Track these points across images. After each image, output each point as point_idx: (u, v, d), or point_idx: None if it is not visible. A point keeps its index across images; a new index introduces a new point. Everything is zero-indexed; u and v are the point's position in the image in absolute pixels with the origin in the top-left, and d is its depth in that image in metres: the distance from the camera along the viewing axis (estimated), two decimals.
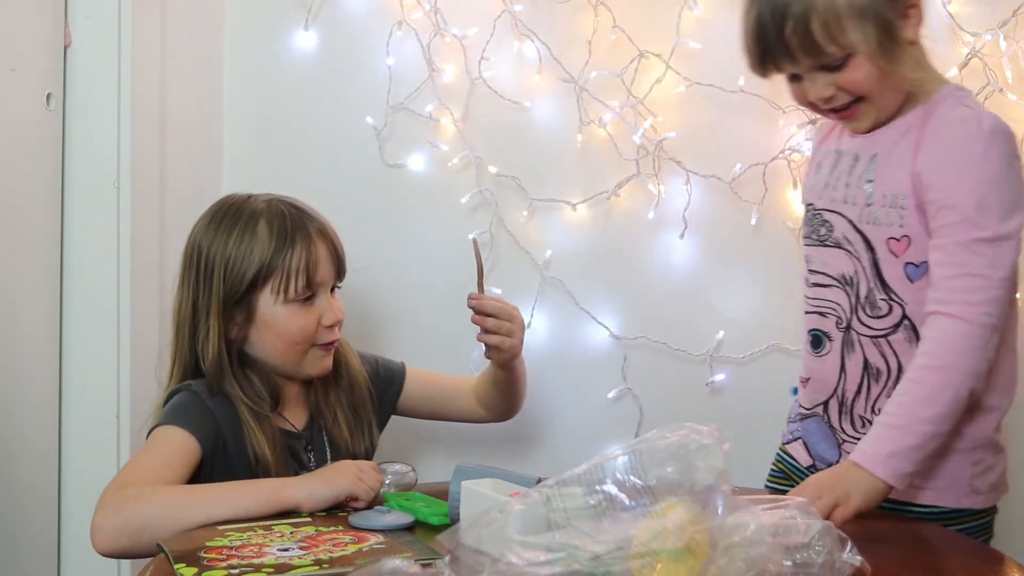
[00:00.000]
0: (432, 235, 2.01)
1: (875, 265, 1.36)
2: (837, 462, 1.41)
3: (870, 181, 1.36)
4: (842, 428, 1.42)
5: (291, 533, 1.20)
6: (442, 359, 1.87)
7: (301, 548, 1.14)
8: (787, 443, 1.54)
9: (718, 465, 1.01)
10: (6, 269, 1.60)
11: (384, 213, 2.01)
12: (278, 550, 1.13)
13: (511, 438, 1.97)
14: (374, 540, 1.18)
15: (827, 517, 1.18)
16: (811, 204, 1.46)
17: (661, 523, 0.92)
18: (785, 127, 1.91)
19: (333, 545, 1.16)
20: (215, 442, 1.41)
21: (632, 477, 0.97)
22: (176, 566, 1.08)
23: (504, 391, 1.69)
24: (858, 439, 1.36)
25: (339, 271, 1.53)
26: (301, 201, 1.55)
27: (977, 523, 1.38)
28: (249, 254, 1.46)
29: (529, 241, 1.99)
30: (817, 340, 1.44)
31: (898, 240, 1.34)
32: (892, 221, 1.34)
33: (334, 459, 1.51)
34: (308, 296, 1.48)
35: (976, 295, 1.26)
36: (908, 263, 1.34)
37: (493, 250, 1.99)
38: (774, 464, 1.58)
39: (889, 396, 1.32)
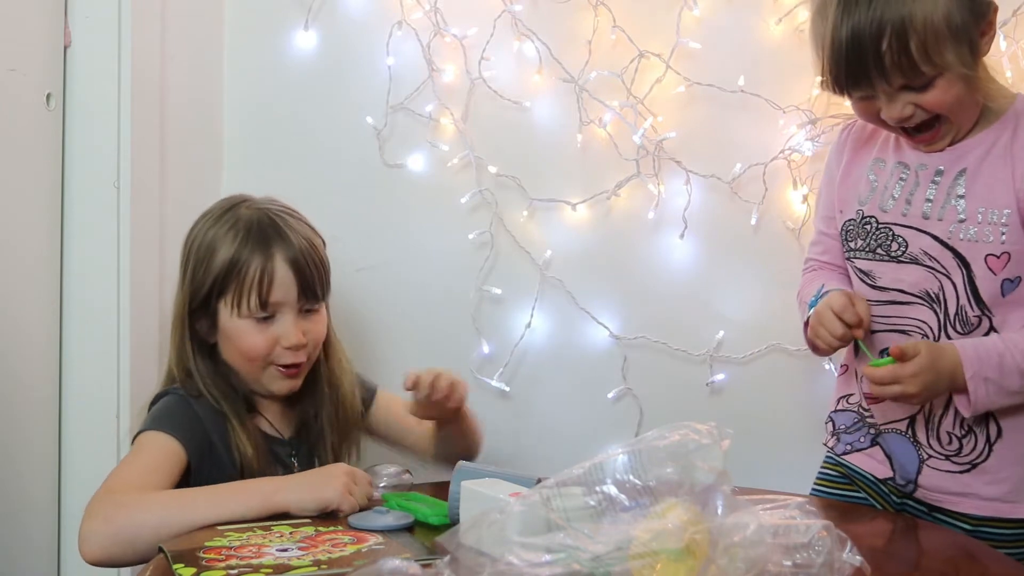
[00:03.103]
0: (432, 235, 2.01)
1: (971, 282, 1.34)
2: (916, 479, 1.40)
3: (960, 196, 1.34)
4: (928, 444, 1.40)
5: (290, 533, 1.20)
6: (441, 359, 1.87)
7: (300, 548, 1.14)
8: (846, 454, 1.50)
9: (718, 465, 1.01)
10: (6, 269, 1.60)
11: (384, 213, 2.02)
12: (277, 550, 1.13)
13: (511, 438, 1.97)
14: (373, 541, 1.18)
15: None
16: (872, 217, 1.42)
17: (661, 523, 0.92)
18: (785, 127, 1.91)
19: (332, 545, 1.16)
20: (201, 445, 1.40)
21: (632, 477, 0.97)
22: (175, 566, 1.08)
23: (453, 442, 1.60)
24: (947, 455, 1.37)
25: (307, 294, 1.46)
26: (295, 213, 1.52)
27: None
28: (212, 260, 1.45)
29: (529, 241, 1.99)
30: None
31: (998, 257, 1.32)
32: (991, 238, 1.32)
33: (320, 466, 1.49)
34: (266, 316, 1.44)
35: None
36: (1005, 279, 1.33)
37: (493, 250, 1.99)
38: (829, 468, 1.55)
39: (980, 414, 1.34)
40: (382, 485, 1.39)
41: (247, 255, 1.43)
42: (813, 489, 1.56)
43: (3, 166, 1.59)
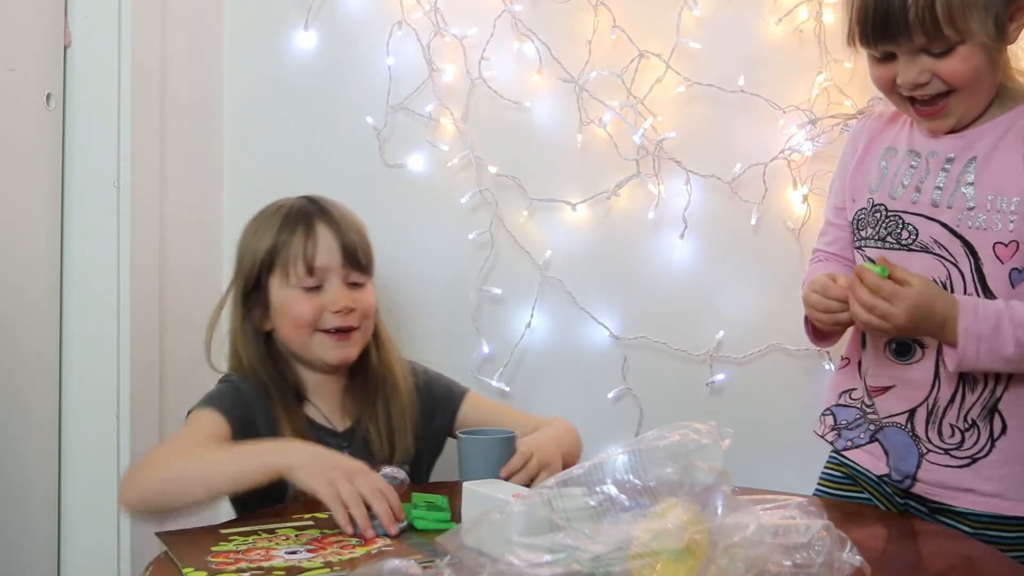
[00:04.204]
0: (432, 235, 2.01)
1: (979, 271, 1.33)
2: (915, 473, 1.40)
3: (970, 184, 1.34)
4: (927, 437, 1.39)
5: (296, 536, 1.20)
6: (441, 359, 1.86)
7: (308, 551, 1.14)
8: (846, 449, 1.50)
9: (718, 465, 1.01)
10: (6, 269, 1.60)
11: (384, 213, 2.01)
12: (286, 553, 1.13)
13: None
14: (382, 542, 1.18)
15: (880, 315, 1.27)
16: (881, 205, 1.41)
17: (661, 523, 0.92)
18: (785, 127, 1.91)
19: (340, 547, 1.16)
20: (244, 423, 1.46)
21: (632, 477, 0.97)
22: (185, 570, 1.08)
23: None
24: (945, 449, 1.37)
25: (351, 262, 1.54)
26: (333, 201, 1.60)
27: None
28: (257, 245, 1.55)
29: (529, 241, 1.99)
30: (905, 348, 1.40)
31: (1005, 245, 1.32)
32: (999, 226, 1.32)
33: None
34: (315, 285, 1.52)
35: None
36: (1013, 268, 1.32)
37: (493, 250, 1.99)
38: (832, 468, 1.55)
39: (983, 406, 1.34)
40: None
41: (289, 232, 1.53)
42: (816, 489, 1.56)
43: (3, 166, 1.59)
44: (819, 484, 1.56)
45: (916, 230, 1.37)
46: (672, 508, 0.93)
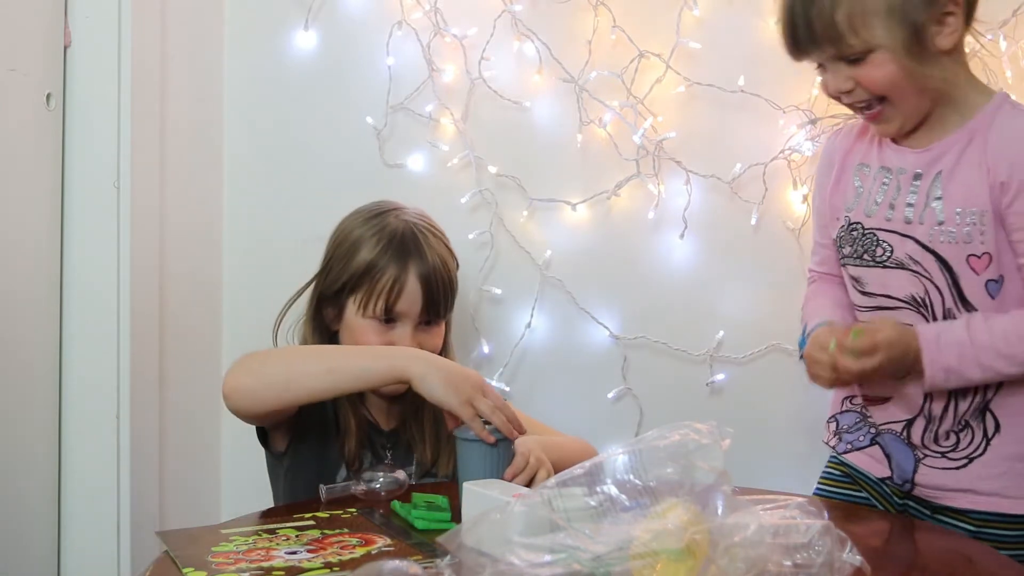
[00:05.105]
0: None
1: (955, 284, 1.34)
2: (913, 478, 1.41)
3: (938, 199, 1.34)
4: (924, 444, 1.40)
5: (296, 536, 1.20)
6: None
7: (309, 551, 1.14)
8: (846, 452, 1.50)
9: (718, 465, 1.01)
10: (6, 269, 1.60)
11: None
12: (286, 553, 1.13)
13: None
14: (382, 542, 1.18)
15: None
16: (858, 223, 1.42)
17: (661, 523, 0.92)
18: (785, 127, 1.91)
19: (341, 548, 1.16)
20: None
21: (632, 477, 0.97)
22: (185, 570, 1.08)
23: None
24: (942, 453, 1.37)
25: (430, 310, 1.54)
26: (436, 231, 1.60)
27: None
28: (352, 259, 1.55)
29: (529, 241, 1.99)
30: None
31: (979, 257, 1.32)
32: (971, 238, 1.32)
33: (415, 468, 1.55)
34: (388, 320, 1.53)
35: None
36: (989, 280, 1.32)
37: (493, 250, 2.00)
38: (833, 467, 1.55)
39: (976, 408, 1.35)
40: (377, 487, 1.39)
41: (384, 263, 1.53)
42: (817, 489, 1.56)
43: (3, 166, 1.59)
44: (819, 484, 1.56)
45: (891, 247, 1.37)
46: (672, 508, 0.93)
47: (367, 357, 1.42)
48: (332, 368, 1.39)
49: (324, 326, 1.59)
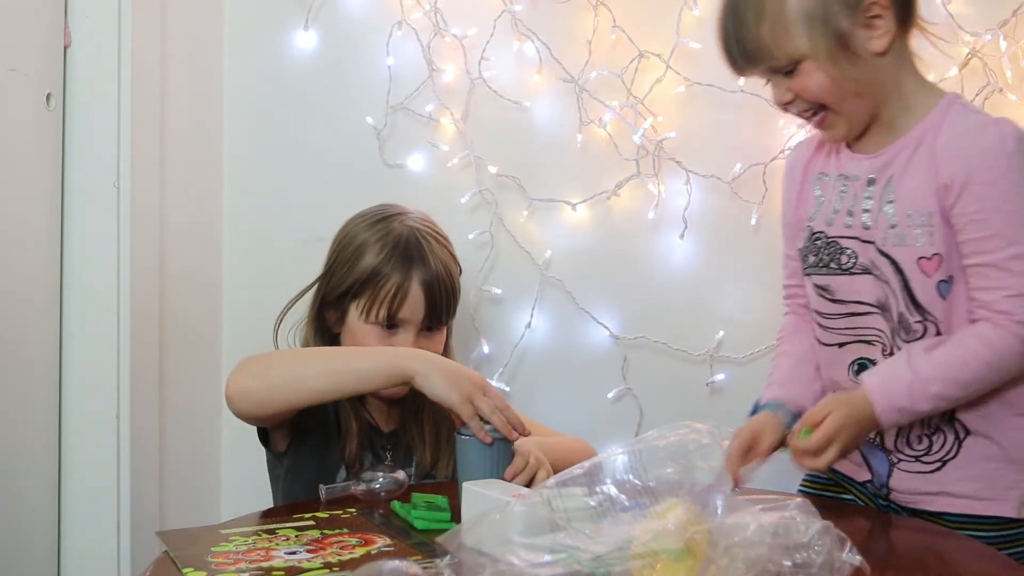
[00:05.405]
0: None
1: (906, 287, 1.33)
2: (887, 481, 1.41)
3: (890, 202, 1.34)
4: (897, 448, 1.39)
5: (296, 537, 1.20)
6: None
7: (308, 551, 1.14)
8: None
9: (718, 465, 1.01)
10: (6, 269, 1.60)
11: None
12: (285, 553, 1.13)
13: None
14: (382, 543, 1.18)
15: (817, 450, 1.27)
16: (820, 232, 1.41)
17: (661, 523, 0.92)
18: (785, 127, 1.91)
19: (340, 548, 1.16)
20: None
21: (632, 477, 0.98)
22: (185, 570, 1.08)
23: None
24: (916, 456, 1.37)
25: (432, 317, 1.54)
26: (440, 237, 1.60)
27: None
28: (355, 263, 1.54)
29: (529, 241, 1.99)
30: (864, 368, 1.39)
31: (929, 259, 1.31)
32: (921, 240, 1.31)
33: (414, 469, 1.56)
34: (390, 326, 1.53)
35: (1021, 313, 1.26)
36: (940, 281, 1.32)
37: (493, 250, 2.00)
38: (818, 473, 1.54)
39: (943, 416, 1.34)
40: (377, 487, 1.39)
41: (388, 270, 1.52)
42: (799, 489, 1.56)
43: (3, 166, 1.59)
44: (802, 484, 1.56)
45: (855, 253, 1.37)
46: (672, 508, 0.93)
47: (369, 358, 1.42)
48: (335, 370, 1.40)
49: (326, 329, 1.59)
